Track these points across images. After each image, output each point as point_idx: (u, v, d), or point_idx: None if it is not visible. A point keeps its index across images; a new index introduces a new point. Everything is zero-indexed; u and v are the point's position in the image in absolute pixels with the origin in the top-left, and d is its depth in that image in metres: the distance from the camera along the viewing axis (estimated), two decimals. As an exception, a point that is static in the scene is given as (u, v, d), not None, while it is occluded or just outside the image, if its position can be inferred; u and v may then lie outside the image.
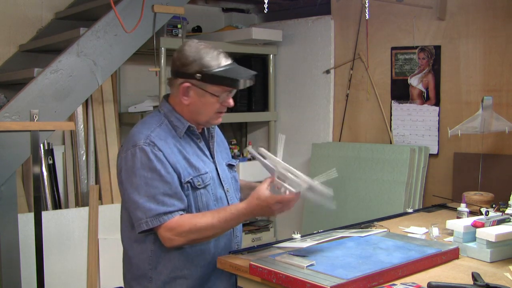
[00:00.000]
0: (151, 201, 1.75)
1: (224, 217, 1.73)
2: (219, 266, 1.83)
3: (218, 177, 1.93)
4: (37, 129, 2.49)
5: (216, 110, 1.87)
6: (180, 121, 1.87)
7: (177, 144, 1.84)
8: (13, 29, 3.47)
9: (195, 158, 1.87)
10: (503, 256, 1.81)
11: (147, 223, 1.75)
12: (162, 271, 1.84)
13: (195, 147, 1.90)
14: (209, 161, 1.92)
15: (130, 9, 2.86)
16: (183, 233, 1.74)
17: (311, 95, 3.99)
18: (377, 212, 3.24)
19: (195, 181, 1.83)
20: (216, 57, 1.83)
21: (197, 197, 1.83)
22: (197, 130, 1.91)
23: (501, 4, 3.10)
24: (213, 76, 1.81)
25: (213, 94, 1.83)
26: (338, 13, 3.87)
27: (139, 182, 1.77)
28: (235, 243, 1.97)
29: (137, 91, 4.00)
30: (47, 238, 3.06)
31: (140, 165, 1.77)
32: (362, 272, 1.53)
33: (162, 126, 1.86)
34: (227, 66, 1.84)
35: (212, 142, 1.97)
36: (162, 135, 1.82)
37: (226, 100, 1.87)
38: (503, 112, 3.01)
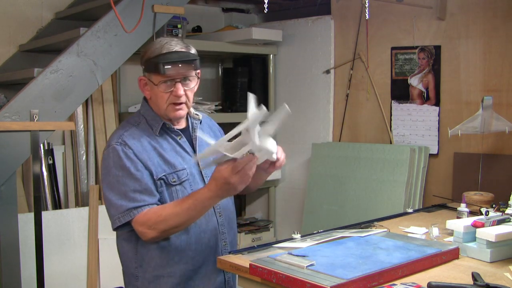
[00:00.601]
0: (123, 198, 1.80)
1: (188, 204, 1.72)
2: (219, 266, 1.83)
3: (200, 173, 1.92)
4: (37, 129, 2.49)
5: (168, 101, 1.85)
6: (155, 119, 1.90)
7: (152, 142, 1.86)
8: (13, 29, 3.47)
9: (172, 154, 1.88)
10: (503, 256, 1.81)
11: (119, 219, 1.81)
12: (147, 270, 1.87)
13: (174, 144, 1.91)
14: (190, 157, 1.91)
15: (130, 9, 2.86)
16: (152, 225, 1.76)
17: (311, 95, 3.99)
18: (377, 212, 3.24)
19: (169, 177, 1.84)
20: (161, 45, 1.84)
21: (172, 193, 1.84)
22: (177, 126, 1.93)
23: (501, 4, 3.10)
24: (149, 63, 1.84)
25: (153, 83, 1.85)
26: (338, 13, 3.87)
27: (112, 180, 1.82)
28: (222, 239, 1.94)
29: (137, 91, 3.94)
30: (47, 238, 3.06)
31: (112, 163, 1.82)
32: (362, 272, 1.53)
33: (140, 125, 1.89)
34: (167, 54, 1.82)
35: (194, 137, 1.96)
36: (136, 134, 1.86)
37: (173, 89, 1.84)
38: (503, 112, 3.01)
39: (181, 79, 1.84)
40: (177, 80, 1.84)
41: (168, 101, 1.85)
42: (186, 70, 1.84)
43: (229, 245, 1.97)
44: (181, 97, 1.85)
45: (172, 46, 1.84)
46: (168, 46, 1.84)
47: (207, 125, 2.08)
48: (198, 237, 1.87)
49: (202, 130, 2.00)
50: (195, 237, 1.87)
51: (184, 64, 1.83)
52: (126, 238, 1.91)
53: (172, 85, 1.84)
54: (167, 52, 1.82)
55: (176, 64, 1.81)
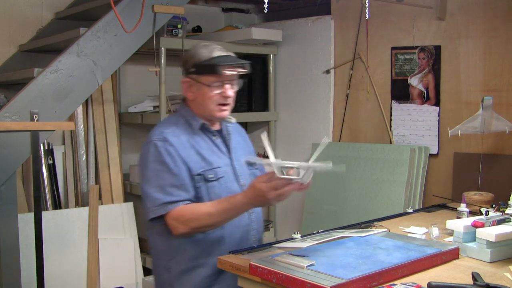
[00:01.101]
0: (159, 192, 1.88)
1: (222, 207, 1.82)
2: (219, 266, 1.83)
3: (234, 172, 2.03)
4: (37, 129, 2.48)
5: (216, 101, 1.97)
6: (194, 118, 2.01)
7: (190, 140, 1.97)
8: (13, 29, 3.47)
9: (209, 153, 1.99)
10: (503, 256, 1.81)
11: (154, 211, 1.88)
12: (180, 262, 1.95)
13: (210, 143, 2.02)
14: (225, 157, 2.03)
15: (130, 9, 2.86)
16: (185, 221, 1.85)
17: (311, 95, 3.99)
18: (377, 212, 3.24)
19: (207, 174, 1.94)
20: (210, 50, 1.97)
21: (209, 189, 1.94)
22: (212, 128, 2.04)
23: (501, 4, 3.10)
24: (202, 66, 1.95)
25: (205, 84, 1.95)
26: (338, 13, 3.87)
27: (150, 174, 1.91)
28: (252, 235, 2.04)
29: (137, 91, 4.00)
30: (47, 238, 3.05)
31: (152, 158, 1.91)
32: (362, 272, 1.53)
33: (179, 124, 2.00)
34: (219, 57, 1.95)
35: (228, 139, 2.08)
36: (176, 132, 1.96)
37: (223, 90, 1.96)
38: (503, 112, 3.01)
39: (230, 81, 1.97)
40: (226, 82, 1.96)
41: (216, 101, 1.97)
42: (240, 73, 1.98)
43: (257, 241, 2.06)
44: (229, 98, 1.99)
45: (221, 51, 1.98)
46: (217, 51, 1.97)
47: (237, 131, 2.19)
48: (231, 232, 1.96)
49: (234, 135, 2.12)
50: (229, 232, 1.95)
51: (239, 67, 1.96)
52: (158, 232, 1.97)
53: (222, 87, 1.96)
54: (221, 56, 1.96)
55: (232, 66, 1.94)
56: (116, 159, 3.75)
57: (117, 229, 3.63)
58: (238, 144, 2.12)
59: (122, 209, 3.69)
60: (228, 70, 1.93)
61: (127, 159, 3.98)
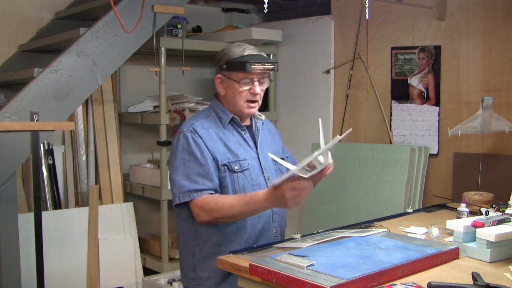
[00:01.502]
0: (186, 179, 1.99)
1: (244, 200, 1.90)
2: (219, 266, 1.83)
3: (260, 166, 2.12)
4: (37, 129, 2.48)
5: (245, 98, 2.07)
6: (224, 113, 2.12)
7: (219, 133, 2.08)
8: (13, 29, 3.47)
9: (236, 146, 2.09)
10: (503, 256, 1.81)
11: (179, 198, 1.99)
12: (204, 247, 2.05)
13: (239, 137, 2.13)
14: (252, 151, 2.13)
15: (130, 9, 2.86)
16: (208, 210, 1.94)
17: (311, 95, 3.99)
18: (377, 212, 3.24)
19: (233, 165, 2.04)
20: (241, 49, 2.07)
21: (234, 180, 2.04)
22: (243, 123, 2.14)
23: (501, 4, 3.10)
24: (233, 63, 2.05)
25: (235, 80, 2.05)
26: (338, 13, 3.87)
27: (178, 163, 2.03)
28: (274, 227, 2.13)
29: (137, 91, 4.00)
30: (47, 238, 3.06)
31: (181, 148, 2.03)
32: (362, 272, 1.53)
33: (209, 118, 2.11)
34: (249, 55, 2.05)
35: (257, 134, 2.18)
36: (205, 124, 2.08)
37: (251, 87, 2.06)
38: (503, 112, 3.01)
39: (259, 79, 2.07)
40: (256, 80, 2.06)
41: (245, 98, 2.07)
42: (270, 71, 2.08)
43: (279, 233, 2.15)
44: (257, 95, 2.08)
45: (253, 51, 2.09)
46: (249, 50, 2.08)
47: (267, 127, 2.29)
48: (252, 221, 2.05)
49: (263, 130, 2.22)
50: (250, 221, 2.04)
51: (267, 65, 2.06)
52: (185, 219, 2.07)
53: (251, 84, 2.06)
54: (251, 54, 2.07)
55: (262, 64, 2.04)
56: (116, 159, 3.75)
57: (117, 229, 3.63)
58: (266, 140, 2.22)
59: (122, 209, 3.69)
60: (256, 67, 2.03)
61: (127, 159, 3.98)
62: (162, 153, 3.52)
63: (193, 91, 4.26)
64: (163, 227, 3.57)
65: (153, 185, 3.67)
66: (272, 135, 2.32)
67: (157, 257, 3.72)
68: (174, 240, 3.85)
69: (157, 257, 3.72)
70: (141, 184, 3.76)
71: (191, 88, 4.26)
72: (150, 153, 3.93)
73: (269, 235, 2.10)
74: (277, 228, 2.14)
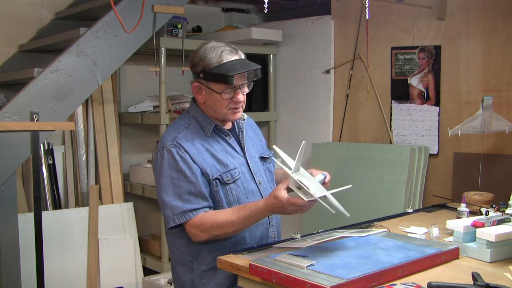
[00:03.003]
0: (178, 200, 1.88)
1: (244, 214, 1.83)
2: (219, 266, 1.83)
3: (250, 171, 2.03)
4: (37, 129, 2.48)
5: (228, 106, 1.95)
6: (206, 120, 1.99)
7: (204, 144, 1.96)
8: (13, 29, 3.47)
9: (223, 154, 1.98)
10: (503, 256, 1.81)
11: (174, 220, 1.89)
12: (203, 262, 1.97)
13: (224, 144, 2.01)
14: (240, 156, 2.03)
15: (130, 9, 2.86)
16: (206, 229, 1.86)
17: (311, 95, 3.99)
18: (377, 212, 3.24)
19: (224, 176, 1.94)
20: (219, 55, 1.91)
21: (227, 192, 1.95)
22: (225, 127, 2.03)
23: (501, 4, 3.10)
24: (211, 74, 1.90)
25: (215, 91, 1.92)
26: (338, 13, 3.87)
27: (166, 182, 1.90)
28: (272, 232, 2.07)
29: (137, 91, 4.00)
30: (47, 238, 3.06)
31: (167, 165, 1.90)
32: (362, 272, 1.53)
33: (191, 127, 1.98)
34: (228, 63, 1.90)
35: (242, 137, 2.07)
36: (189, 136, 1.95)
37: (234, 96, 1.94)
38: (503, 112, 3.01)
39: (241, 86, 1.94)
40: (237, 88, 1.94)
41: (228, 106, 1.95)
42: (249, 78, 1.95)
43: (277, 234, 2.10)
44: (240, 103, 1.97)
45: (231, 54, 1.93)
46: (226, 54, 1.92)
47: (248, 124, 2.16)
48: (251, 231, 1.99)
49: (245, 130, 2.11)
50: (249, 231, 1.98)
51: (251, 72, 1.93)
52: (177, 235, 1.98)
53: (233, 92, 1.94)
54: (230, 61, 1.91)
55: (243, 74, 1.91)
56: (116, 159, 3.75)
57: (117, 229, 3.63)
58: (250, 140, 2.13)
59: (122, 209, 3.69)
60: (239, 78, 1.90)
61: (127, 159, 3.98)
62: (162, 153, 3.52)
63: (193, 91, 4.25)
64: (163, 227, 3.57)
65: (153, 185, 3.65)
66: (254, 131, 2.21)
67: (157, 257, 3.72)
68: (174, 240, 3.85)
69: (157, 257, 3.72)
70: (141, 184, 3.76)
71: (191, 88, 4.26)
72: (150, 153, 3.93)
73: (268, 241, 2.05)
74: (275, 232, 2.10)
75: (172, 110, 3.56)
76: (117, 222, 3.64)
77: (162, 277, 3.49)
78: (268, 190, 2.06)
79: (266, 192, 2.04)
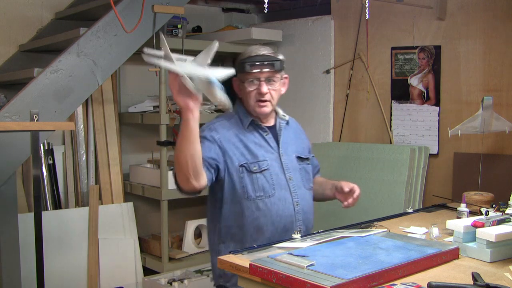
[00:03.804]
0: None
1: None
2: (219, 266, 1.83)
3: (281, 166, 2.18)
4: (37, 129, 2.48)
5: (254, 98, 2.14)
6: (245, 115, 2.20)
7: (239, 134, 2.16)
8: (13, 29, 3.47)
9: (256, 147, 2.16)
10: (503, 256, 1.81)
11: None
12: (229, 245, 2.14)
13: (260, 138, 2.19)
14: (273, 151, 2.19)
15: (130, 9, 2.86)
16: None
17: (311, 95, 3.99)
18: (377, 212, 3.24)
19: (251, 166, 2.11)
20: (250, 51, 2.16)
21: (253, 180, 2.11)
22: (265, 124, 2.22)
23: (501, 4, 3.10)
24: (239, 65, 2.14)
25: (242, 81, 2.15)
26: (338, 13, 3.87)
27: None
28: (297, 226, 2.17)
29: (137, 91, 4.00)
30: (47, 238, 3.05)
31: None
32: (362, 272, 1.53)
33: (231, 120, 2.20)
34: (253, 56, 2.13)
35: (280, 135, 2.24)
36: (226, 125, 2.17)
37: (258, 87, 2.13)
38: (503, 112, 3.01)
39: (265, 79, 2.13)
40: (262, 79, 2.12)
41: (254, 98, 2.14)
42: (269, 71, 2.12)
43: (303, 232, 2.18)
44: (264, 95, 2.13)
45: (260, 51, 2.16)
46: (256, 50, 2.16)
47: (292, 127, 2.35)
48: (274, 220, 2.12)
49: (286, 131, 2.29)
50: (272, 220, 2.12)
51: (265, 65, 2.11)
52: (213, 218, 2.19)
53: (258, 84, 2.13)
54: (255, 55, 2.14)
55: (259, 65, 2.11)
56: (116, 159, 3.75)
57: (117, 229, 3.63)
58: (290, 140, 2.28)
59: (122, 209, 3.69)
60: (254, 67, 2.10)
61: (127, 159, 3.98)
62: (162, 153, 3.52)
63: (193, 91, 4.25)
64: (163, 227, 3.57)
65: (153, 185, 3.67)
66: (297, 134, 2.37)
67: (157, 257, 3.72)
68: (174, 240, 3.85)
69: (157, 257, 3.72)
70: (141, 184, 3.76)
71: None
72: (150, 153, 3.93)
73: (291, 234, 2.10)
74: (301, 226, 2.18)
75: (172, 110, 3.56)
76: (117, 222, 3.64)
77: (162, 277, 3.49)
78: (300, 187, 2.20)
79: (295, 188, 2.18)
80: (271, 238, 2.09)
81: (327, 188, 2.38)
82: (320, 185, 2.41)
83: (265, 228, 2.11)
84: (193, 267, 3.64)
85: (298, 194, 2.19)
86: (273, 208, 2.12)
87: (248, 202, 2.11)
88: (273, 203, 2.12)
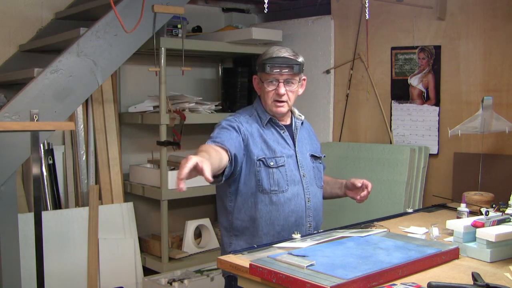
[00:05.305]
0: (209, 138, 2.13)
1: None
2: (219, 266, 1.83)
3: (296, 163, 2.25)
4: (37, 129, 2.48)
5: (272, 97, 2.21)
6: (263, 113, 2.27)
7: (259, 130, 2.23)
8: (13, 29, 3.47)
9: (275, 143, 2.22)
10: (503, 256, 1.81)
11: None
12: (241, 238, 2.22)
13: (277, 135, 2.26)
14: (289, 148, 2.26)
15: (130, 9, 2.86)
16: None
17: (311, 95, 3.99)
18: (377, 212, 3.24)
19: (268, 160, 2.17)
20: (271, 52, 2.22)
21: (269, 174, 2.16)
22: (282, 122, 2.28)
23: (501, 4, 3.10)
24: (259, 64, 2.23)
25: (261, 80, 2.22)
26: (338, 13, 3.87)
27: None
28: (308, 221, 2.24)
29: (137, 91, 4.00)
30: (47, 238, 3.06)
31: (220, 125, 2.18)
32: (362, 272, 1.53)
33: (252, 116, 2.27)
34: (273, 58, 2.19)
35: (296, 133, 2.31)
36: (248, 120, 2.24)
37: (276, 88, 2.19)
38: (503, 112, 3.01)
39: (284, 80, 2.19)
40: (280, 81, 2.19)
41: (272, 97, 2.21)
42: (288, 73, 2.19)
43: (313, 228, 2.26)
44: (282, 96, 2.20)
45: (281, 53, 2.22)
46: (277, 52, 2.22)
47: (306, 128, 2.41)
48: (286, 215, 2.18)
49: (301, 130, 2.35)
50: (284, 215, 2.18)
51: (285, 67, 2.18)
52: (224, 213, 2.25)
53: (276, 85, 2.20)
54: (275, 57, 2.20)
55: (279, 66, 2.18)
56: (116, 159, 3.75)
57: (117, 229, 3.63)
58: (304, 139, 2.35)
59: (122, 209, 3.69)
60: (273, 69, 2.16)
61: (127, 159, 3.98)
62: (162, 153, 3.52)
63: (193, 91, 4.26)
64: (163, 227, 3.57)
65: (153, 185, 3.67)
66: (309, 135, 2.42)
67: (157, 257, 3.72)
68: (174, 240, 3.85)
69: (157, 257, 3.72)
70: (141, 184, 3.76)
71: (191, 88, 4.26)
72: (150, 153, 3.93)
73: (303, 229, 2.20)
74: (311, 222, 2.24)
75: (172, 110, 3.56)
76: (117, 222, 3.64)
77: (162, 277, 3.49)
78: (312, 185, 2.27)
79: (308, 185, 2.25)
80: (281, 232, 2.17)
81: (336, 187, 2.46)
82: (327, 183, 2.47)
83: (276, 222, 2.17)
84: (193, 267, 3.63)
85: (310, 191, 2.25)
86: (286, 203, 2.18)
87: (262, 195, 2.16)
88: (286, 198, 2.18)
